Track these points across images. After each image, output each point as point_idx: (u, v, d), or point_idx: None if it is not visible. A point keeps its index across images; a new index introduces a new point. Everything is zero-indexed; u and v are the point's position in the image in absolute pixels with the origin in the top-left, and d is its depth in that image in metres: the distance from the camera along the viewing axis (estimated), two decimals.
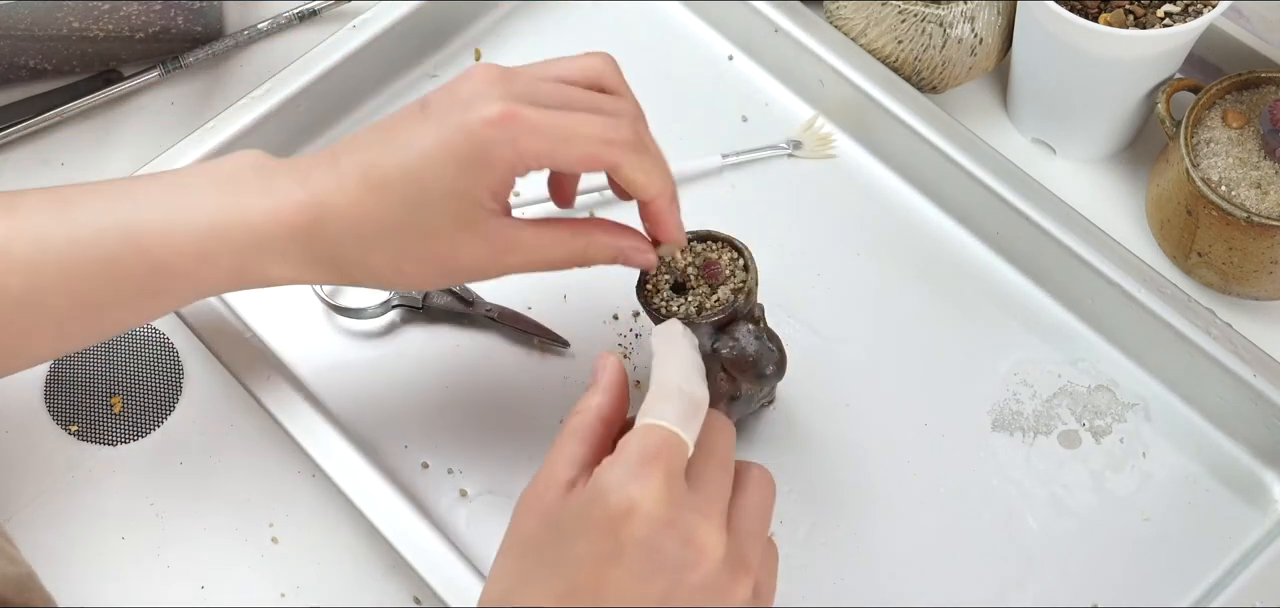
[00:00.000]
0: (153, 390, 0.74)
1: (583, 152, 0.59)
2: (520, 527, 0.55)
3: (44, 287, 0.59)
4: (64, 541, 0.69)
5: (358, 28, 0.81)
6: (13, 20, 0.79)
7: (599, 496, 0.52)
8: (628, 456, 0.52)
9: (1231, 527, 0.69)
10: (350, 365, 0.74)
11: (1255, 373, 0.69)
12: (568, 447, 0.56)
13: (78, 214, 0.60)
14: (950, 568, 0.68)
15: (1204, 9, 0.73)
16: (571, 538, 0.52)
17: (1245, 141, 0.73)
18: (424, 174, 0.59)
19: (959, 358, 0.74)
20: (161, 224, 0.60)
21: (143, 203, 0.60)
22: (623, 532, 0.51)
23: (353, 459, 0.67)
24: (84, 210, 0.60)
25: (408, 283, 0.62)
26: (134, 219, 0.60)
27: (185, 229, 0.60)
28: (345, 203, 0.59)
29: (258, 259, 0.60)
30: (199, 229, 0.60)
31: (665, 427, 0.53)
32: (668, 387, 0.55)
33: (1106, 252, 0.73)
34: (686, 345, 0.59)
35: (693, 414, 0.55)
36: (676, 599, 0.52)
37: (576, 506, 0.53)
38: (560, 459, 0.55)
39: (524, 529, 0.55)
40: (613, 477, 0.52)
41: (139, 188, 0.61)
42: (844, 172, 0.81)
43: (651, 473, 0.52)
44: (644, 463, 0.52)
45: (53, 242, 0.59)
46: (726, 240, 0.66)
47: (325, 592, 0.68)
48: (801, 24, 0.81)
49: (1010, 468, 0.70)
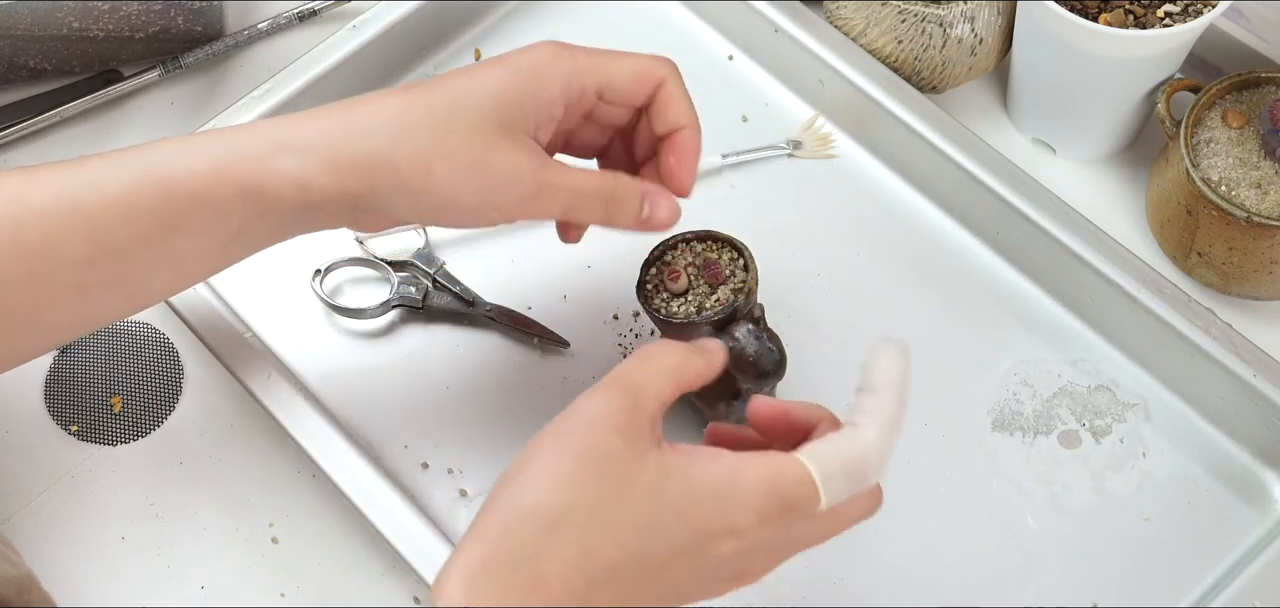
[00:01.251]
0: (153, 390, 0.74)
1: (634, 67, 0.61)
2: (593, 432, 0.52)
3: (61, 232, 0.57)
4: (64, 541, 0.69)
5: (358, 28, 0.81)
6: (13, 20, 0.79)
7: (721, 496, 0.51)
8: (779, 483, 0.52)
9: (1231, 527, 0.69)
10: (350, 365, 0.74)
11: (1255, 373, 0.69)
12: (662, 381, 0.54)
13: (94, 163, 0.59)
14: (950, 568, 0.68)
15: (1204, 9, 0.73)
16: (660, 506, 0.51)
17: (1245, 141, 0.73)
18: (476, 81, 0.59)
19: (959, 358, 0.74)
20: (177, 156, 0.58)
21: (161, 146, 0.59)
22: (714, 547, 0.52)
23: (353, 459, 0.67)
24: (101, 160, 0.59)
25: (434, 188, 0.58)
26: (150, 156, 0.58)
27: (201, 152, 0.58)
28: (382, 102, 0.59)
29: (273, 163, 0.57)
30: (213, 150, 0.58)
31: (822, 481, 0.53)
32: (883, 446, 0.55)
33: (1106, 252, 0.73)
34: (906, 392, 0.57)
35: (872, 477, 0.55)
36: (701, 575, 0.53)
37: (683, 477, 0.52)
38: (650, 387, 0.53)
39: (598, 437, 0.52)
40: (750, 498, 0.52)
41: (158, 141, 0.60)
42: (844, 172, 0.81)
43: (783, 522, 0.52)
44: (786, 510, 0.52)
45: (69, 187, 0.58)
46: (726, 240, 0.67)
47: (325, 592, 0.68)
48: (801, 24, 0.81)
49: (1010, 468, 0.71)
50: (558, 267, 0.77)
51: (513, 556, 0.50)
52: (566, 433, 0.52)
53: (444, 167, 0.58)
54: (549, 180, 0.59)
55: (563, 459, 0.51)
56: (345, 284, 0.77)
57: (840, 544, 0.68)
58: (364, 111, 0.59)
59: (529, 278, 0.77)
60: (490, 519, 0.51)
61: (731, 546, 0.52)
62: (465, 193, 0.58)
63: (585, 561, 0.50)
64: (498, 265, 0.77)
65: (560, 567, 0.50)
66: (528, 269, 0.77)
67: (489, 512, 0.51)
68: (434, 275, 0.75)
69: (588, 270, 0.77)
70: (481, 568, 0.50)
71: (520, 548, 0.50)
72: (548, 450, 0.52)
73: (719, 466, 0.53)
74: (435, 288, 0.75)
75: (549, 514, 0.50)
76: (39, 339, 0.61)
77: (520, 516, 0.51)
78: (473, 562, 0.50)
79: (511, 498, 0.51)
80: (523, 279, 0.77)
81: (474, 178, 0.58)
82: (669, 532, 0.51)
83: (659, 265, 0.67)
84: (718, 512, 0.52)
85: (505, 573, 0.50)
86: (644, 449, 0.52)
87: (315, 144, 0.58)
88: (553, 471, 0.51)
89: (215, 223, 0.58)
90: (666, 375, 0.54)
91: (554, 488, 0.51)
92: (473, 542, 0.51)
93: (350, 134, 0.58)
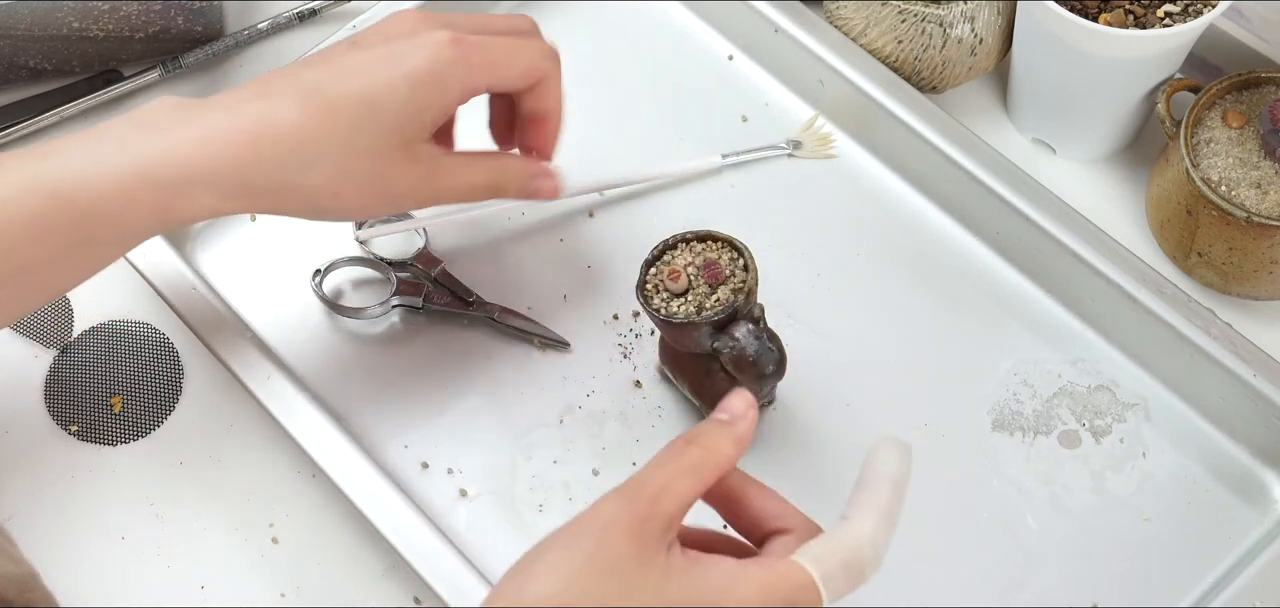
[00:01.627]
0: (153, 390, 0.74)
1: (525, 65, 0.65)
2: (606, 536, 0.51)
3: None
4: (64, 541, 0.69)
5: (358, 28, 0.81)
6: (13, 20, 0.79)
7: (720, 599, 0.51)
8: (781, 588, 0.52)
9: (1231, 527, 0.69)
10: (350, 365, 0.74)
11: (1255, 373, 0.69)
12: (683, 482, 0.53)
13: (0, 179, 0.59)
14: (950, 568, 0.68)
15: (1204, 9, 0.73)
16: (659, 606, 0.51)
17: (1245, 141, 0.73)
18: (378, 95, 0.61)
19: (959, 358, 0.74)
20: (84, 173, 0.59)
21: (63, 157, 0.59)
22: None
23: (353, 459, 0.67)
24: (4, 175, 0.59)
25: (341, 208, 0.62)
26: (56, 173, 0.59)
27: (109, 173, 0.59)
28: (286, 125, 0.60)
29: (185, 194, 0.60)
30: (122, 171, 0.59)
31: (823, 581, 0.52)
32: (879, 539, 0.54)
33: (1106, 252, 0.73)
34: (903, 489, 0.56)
35: (869, 571, 0.54)
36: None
37: (684, 580, 0.51)
38: (671, 489, 0.52)
39: (610, 541, 0.51)
40: (749, 601, 0.51)
41: (59, 145, 0.60)
42: (844, 172, 0.81)
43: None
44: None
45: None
46: (726, 240, 0.67)
47: (325, 592, 0.68)
48: (801, 24, 0.81)
49: (1010, 468, 0.71)
50: (558, 267, 0.77)
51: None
52: (580, 533, 0.52)
53: (350, 189, 0.62)
54: (445, 186, 0.65)
55: (573, 558, 0.51)
56: (345, 284, 0.77)
57: None
58: (272, 135, 0.60)
59: (529, 278, 0.77)
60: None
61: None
62: (371, 207, 0.63)
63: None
64: (498, 265, 0.77)
65: None
66: (528, 269, 0.77)
67: (496, 599, 0.52)
68: (434, 275, 0.75)
69: (588, 270, 0.77)
70: None
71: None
72: (559, 548, 0.52)
73: (720, 570, 0.52)
74: (435, 288, 0.75)
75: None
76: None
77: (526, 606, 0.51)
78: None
79: (520, 588, 0.51)
80: (523, 279, 0.77)
81: (377, 199, 0.63)
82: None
83: (659, 265, 0.67)
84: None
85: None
86: (653, 555, 0.51)
87: (224, 178, 0.60)
88: (560, 568, 0.51)
89: (126, 238, 0.61)
90: (689, 477, 0.53)
91: (559, 585, 0.51)
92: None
93: (260, 161, 0.60)
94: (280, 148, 0.60)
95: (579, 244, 0.78)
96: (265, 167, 0.60)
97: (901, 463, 0.56)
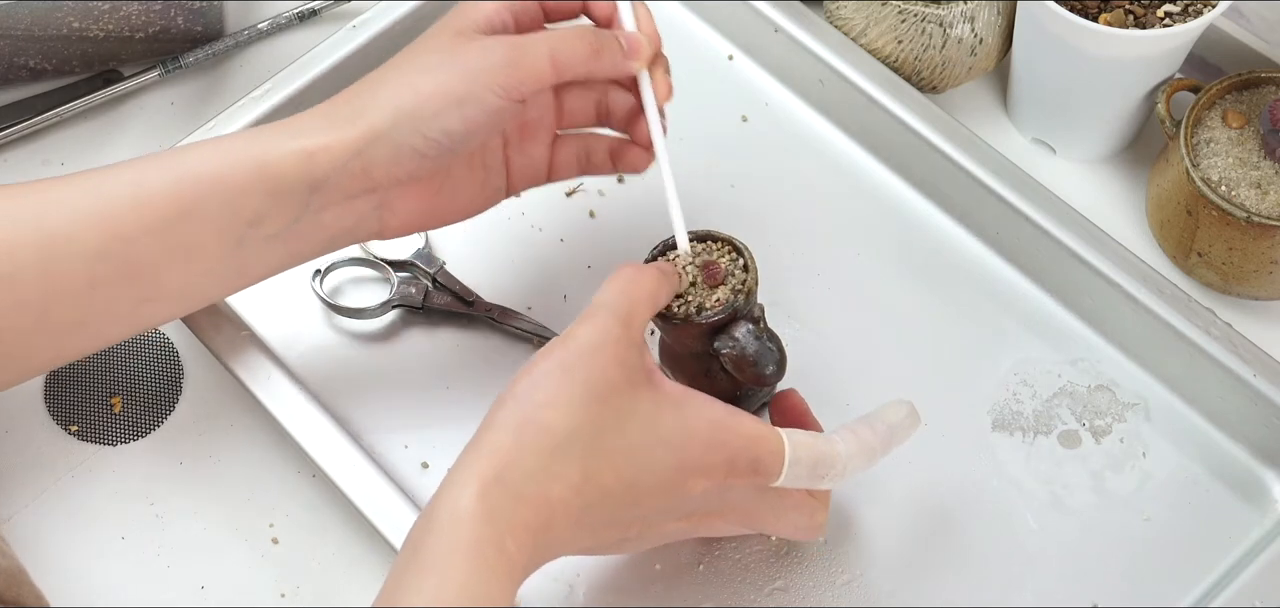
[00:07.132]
0: (153, 390, 0.74)
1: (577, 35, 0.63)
2: (596, 363, 0.56)
3: (80, 220, 0.60)
4: (64, 540, 0.69)
5: (358, 28, 0.81)
6: (13, 20, 0.79)
7: (709, 439, 0.56)
8: (757, 445, 0.58)
9: (1231, 527, 0.69)
10: (350, 365, 0.74)
11: (1255, 373, 0.69)
12: (644, 307, 0.59)
13: (108, 167, 0.62)
14: (950, 568, 0.68)
15: (1204, 9, 0.73)
16: (654, 439, 0.56)
17: (1245, 141, 0.73)
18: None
19: (959, 358, 0.74)
20: (185, 148, 0.63)
21: (167, 151, 0.64)
22: (689, 485, 0.56)
23: (353, 459, 0.67)
24: (113, 166, 0.63)
25: (421, 93, 0.62)
26: (157, 156, 0.63)
27: (206, 143, 0.63)
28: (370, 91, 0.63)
29: (275, 138, 0.62)
30: (219, 141, 0.63)
31: (790, 461, 0.58)
32: (849, 463, 0.60)
33: (1106, 251, 0.73)
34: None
35: (828, 480, 0.60)
36: None
37: (677, 417, 0.57)
38: (638, 313, 0.58)
39: (599, 369, 0.56)
40: (731, 446, 0.57)
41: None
42: (844, 171, 0.81)
43: (746, 479, 0.58)
44: (753, 470, 0.57)
45: (91, 178, 0.61)
46: (726, 240, 0.66)
47: (325, 592, 0.68)
48: (801, 24, 0.81)
49: (1010, 468, 0.71)
50: (558, 267, 0.77)
51: (526, 471, 0.54)
52: (571, 359, 0.56)
53: (425, 76, 0.62)
54: (522, 40, 0.62)
55: (571, 385, 0.55)
56: (345, 284, 0.77)
57: (840, 544, 0.68)
58: (345, 92, 0.64)
59: (529, 278, 0.77)
60: (502, 436, 0.54)
61: (701, 486, 0.57)
62: (451, 82, 0.61)
63: (585, 484, 0.54)
64: (498, 265, 0.77)
65: (563, 488, 0.54)
66: (528, 269, 0.77)
67: (498, 429, 0.55)
68: (434, 275, 0.75)
69: (588, 270, 0.77)
70: (496, 480, 0.53)
71: (533, 465, 0.54)
72: (556, 375, 0.55)
73: (712, 410, 0.58)
74: (435, 288, 0.75)
75: (558, 435, 0.54)
76: (44, 346, 0.62)
77: (534, 433, 0.54)
78: (487, 474, 0.53)
79: (525, 416, 0.55)
80: (523, 279, 0.77)
81: (453, 65, 0.61)
82: (658, 464, 0.56)
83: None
84: (701, 452, 0.57)
85: (518, 486, 0.53)
86: (639, 381, 0.57)
87: (309, 118, 0.63)
88: (562, 394, 0.55)
89: (227, 208, 0.61)
90: (647, 303, 0.59)
91: (562, 412, 0.54)
92: (485, 456, 0.54)
93: (337, 99, 0.63)
94: (353, 87, 0.64)
95: (579, 244, 0.78)
96: (342, 98, 0.64)
97: (903, 420, 0.62)
